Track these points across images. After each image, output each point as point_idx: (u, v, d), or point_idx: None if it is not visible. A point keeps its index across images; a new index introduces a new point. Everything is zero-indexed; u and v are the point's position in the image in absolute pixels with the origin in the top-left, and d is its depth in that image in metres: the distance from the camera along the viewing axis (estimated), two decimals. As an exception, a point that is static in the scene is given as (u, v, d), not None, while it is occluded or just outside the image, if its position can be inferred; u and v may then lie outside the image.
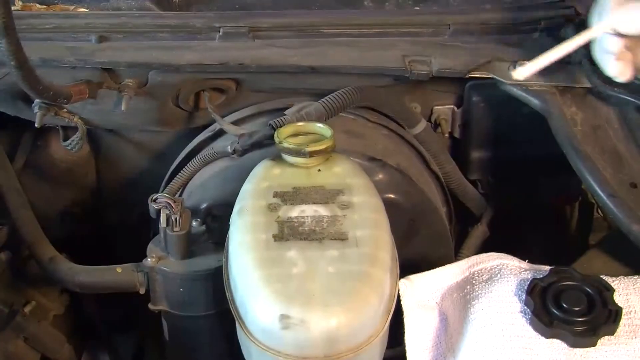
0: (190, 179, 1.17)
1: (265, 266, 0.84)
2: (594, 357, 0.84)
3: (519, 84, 1.08)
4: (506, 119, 1.26)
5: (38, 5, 1.23)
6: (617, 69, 0.99)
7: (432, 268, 0.98)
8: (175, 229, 1.02)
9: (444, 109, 1.29)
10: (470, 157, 1.31)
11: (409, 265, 0.99)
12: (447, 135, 1.31)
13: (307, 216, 0.90)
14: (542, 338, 0.86)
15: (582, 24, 1.06)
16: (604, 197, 0.98)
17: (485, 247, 1.32)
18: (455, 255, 1.27)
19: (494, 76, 1.12)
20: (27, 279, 1.24)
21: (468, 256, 1.26)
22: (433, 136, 1.24)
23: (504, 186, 1.34)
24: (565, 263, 1.11)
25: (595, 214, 1.44)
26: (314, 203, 0.92)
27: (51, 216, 1.42)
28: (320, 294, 0.81)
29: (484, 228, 1.34)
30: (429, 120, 1.28)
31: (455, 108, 1.29)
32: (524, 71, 1.03)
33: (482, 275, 0.94)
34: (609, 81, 1.05)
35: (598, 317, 0.85)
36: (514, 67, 1.08)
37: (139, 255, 1.08)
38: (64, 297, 1.31)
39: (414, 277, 0.95)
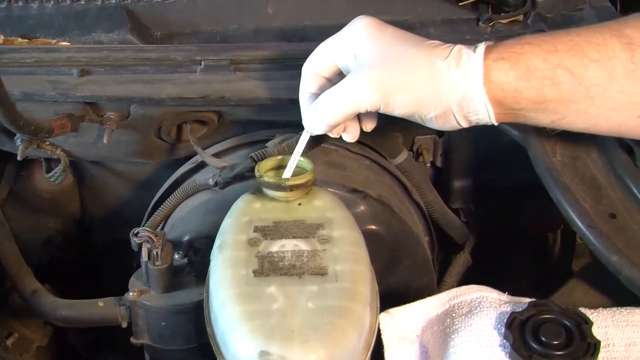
0: (172, 212, 1.17)
1: (245, 302, 0.84)
2: (573, 390, 0.85)
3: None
4: (487, 147, 1.26)
5: (20, 39, 1.24)
6: (349, 138, 1.03)
7: (415, 298, 0.98)
8: (156, 263, 1.02)
9: (426, 139, 1.29)
10: (452, 185, 1.32)
11: (391, 295, 0.99)
12: (428, 164, 1.32)
13: (287, 251, 0.90)
14: (522, 372, 0.86)
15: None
16: (583, 228, 0.98)
17: (468, 275, 1.33)
18: (438, 283, 1.28)
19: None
20: (9, 311, 1.24)
21: (451, 285, 1.28)
22: (415, 166, 1.25)
23: (486, 214, 1.34)
24: (548, 290, 1.12)
25: (578, 240, 1.45)
26: (294, 237, 0.92)
27: (35, 245, 1.42)
28: (299, 330, 0.81)
29: (466, 256, 1.34)
30: (410, 149, 1.29)
31: (437, 137, 1.30)
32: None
33: (462, 308, 0.94)
34: None
35: (576, 351, 0.85)
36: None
37: (124, 284, 1.08)
38: (47, 328, 1.32)
39: (394, 311, 0.95)
